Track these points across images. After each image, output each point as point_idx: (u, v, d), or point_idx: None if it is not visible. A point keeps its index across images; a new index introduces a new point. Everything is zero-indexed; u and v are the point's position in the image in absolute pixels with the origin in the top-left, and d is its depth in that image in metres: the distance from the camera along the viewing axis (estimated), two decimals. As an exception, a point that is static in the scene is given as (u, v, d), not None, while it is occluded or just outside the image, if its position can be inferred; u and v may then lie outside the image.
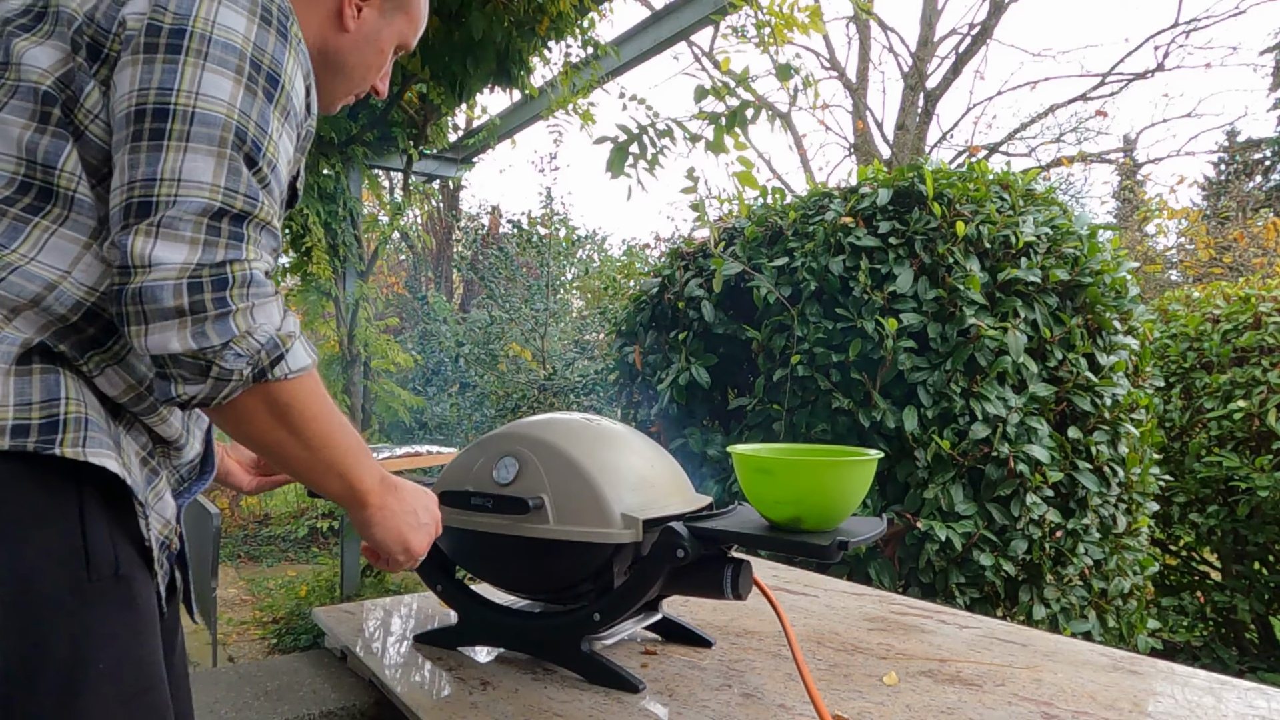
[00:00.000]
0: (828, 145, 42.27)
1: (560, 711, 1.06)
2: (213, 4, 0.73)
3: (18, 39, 0.74)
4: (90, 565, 0.67)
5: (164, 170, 0.68)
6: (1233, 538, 3.35)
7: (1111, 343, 2.57)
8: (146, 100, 0.69)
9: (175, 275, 0.66)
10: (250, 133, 0.72)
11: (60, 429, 0.67)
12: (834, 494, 1.08)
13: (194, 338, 0.67)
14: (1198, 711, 1.08)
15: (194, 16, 0.72)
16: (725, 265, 2.68)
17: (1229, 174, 15.70)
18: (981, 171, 2.67)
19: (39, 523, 0.65)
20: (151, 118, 0.69)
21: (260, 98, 0.74)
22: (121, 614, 0.69)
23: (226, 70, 0.72)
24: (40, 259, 0.70)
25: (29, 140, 0.72)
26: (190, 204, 0.68)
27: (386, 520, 0.91)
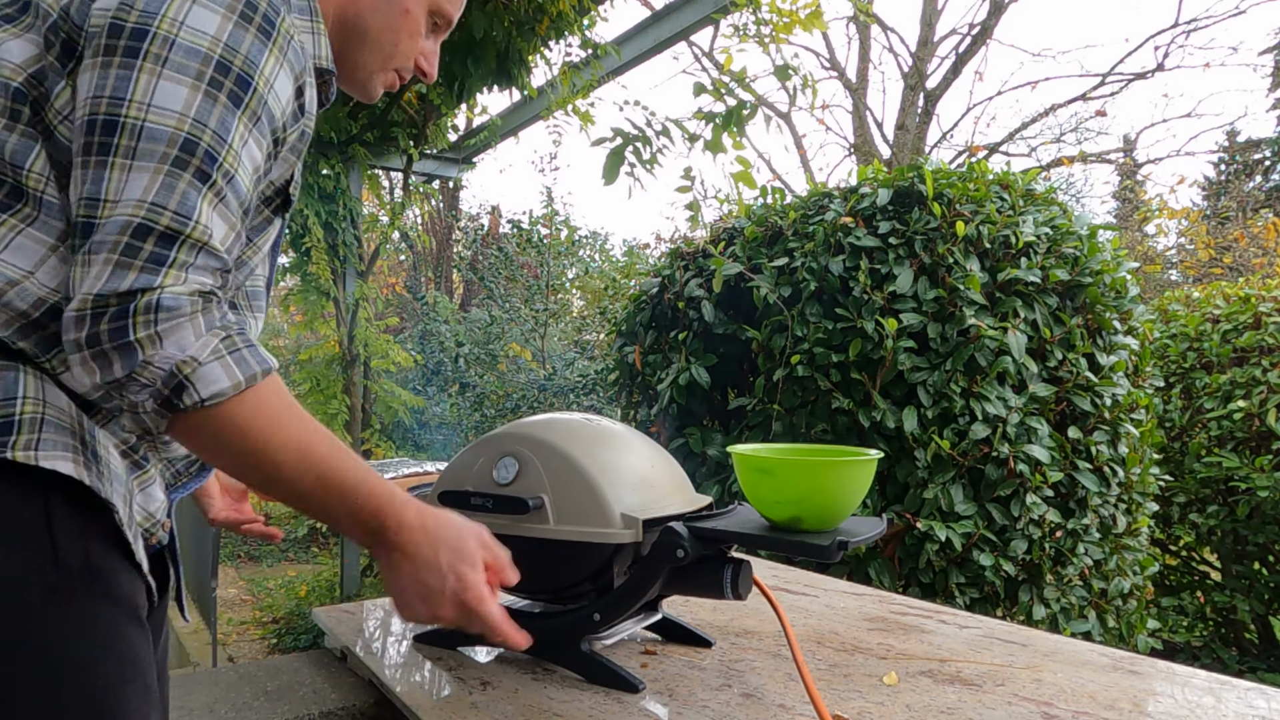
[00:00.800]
0: (828, 145, 42.27)
1: (560, 711, 1.06)
2: (184, 2, 0.69)
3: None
4: (59, 563, 0.66)
5: (107, 190, 0.66)
6: (1233, 538, 3.35)
7: (1111, 343, 2.57)
8: (98, 110, 0.67)
9: (78, 307, 0.64)
10: (203, 143, 0.68)
11: (15, 430, 0.65)
12: (834, 494, 1.08)
13: (99, 371, 0.65)
14: (1198, 711, 1.08)
15: (160, 16, 0.68)
16: (725, 265, 2.68)
17: (1229, 174, 15.71)
18: (981, 171, 2.67)
19: (3, 521, 0.64)
20: (101, 130, 0.67)
21: (222, 103, 0.70)
22: (98, 607, 0.68)
23: (185, 76, 0.68)
24: (3, 257, 0.68)
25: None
26: (114, 224, 0.65)
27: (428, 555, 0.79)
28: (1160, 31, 12.88)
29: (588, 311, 7.82)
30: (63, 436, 0.68)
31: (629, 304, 3.20)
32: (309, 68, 0.81)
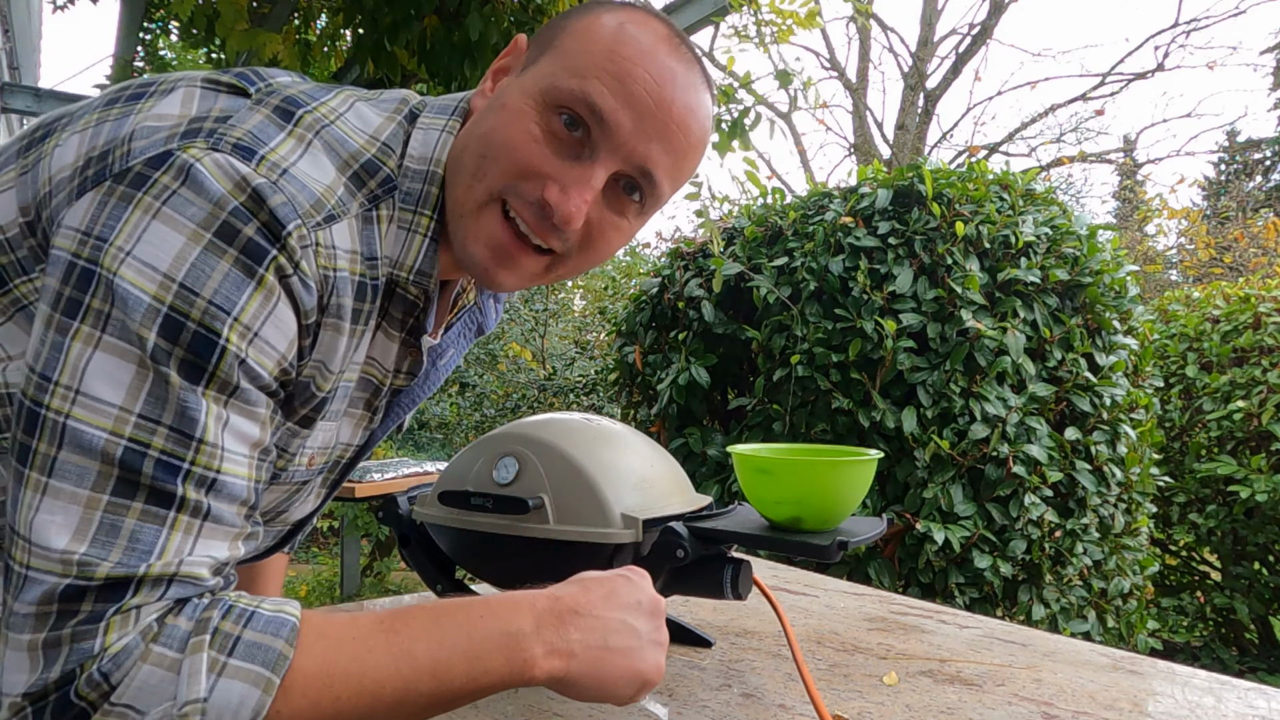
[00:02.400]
0: (828, 145, 42.26)
1: (560, 711, 1.06)
2: (144, 216, 0.52)
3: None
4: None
5: (20, 521, 0.50)
6: (1232, 538, 3.35)
7: (1111, 343, 2.57)
8: (26, 392, 0.51)
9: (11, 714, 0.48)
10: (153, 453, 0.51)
11: None
12: (834, 494, 1.08)
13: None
14: (1198, 711, 1.08)
15: (108, 245, 0.52)
16: (725, 265, 2.68)
17: (1229, 174, 15.72)
18: (981, 171, 2.67)
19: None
20: (24, 425, 0.51)
21: (176, 383, 0.51)
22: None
23: (123, 347, 0.51)
24: None
25: None
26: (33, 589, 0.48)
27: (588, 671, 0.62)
28: (1160, 31, 12.90)
29: (588, 311, 7.82)
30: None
31: (629, 304, 3.20)
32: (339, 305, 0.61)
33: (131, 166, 0.54)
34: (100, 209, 0.53)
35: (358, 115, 0.64)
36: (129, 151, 0.56)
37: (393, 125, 0.66)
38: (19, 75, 4.66)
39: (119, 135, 0.57)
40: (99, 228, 0.52)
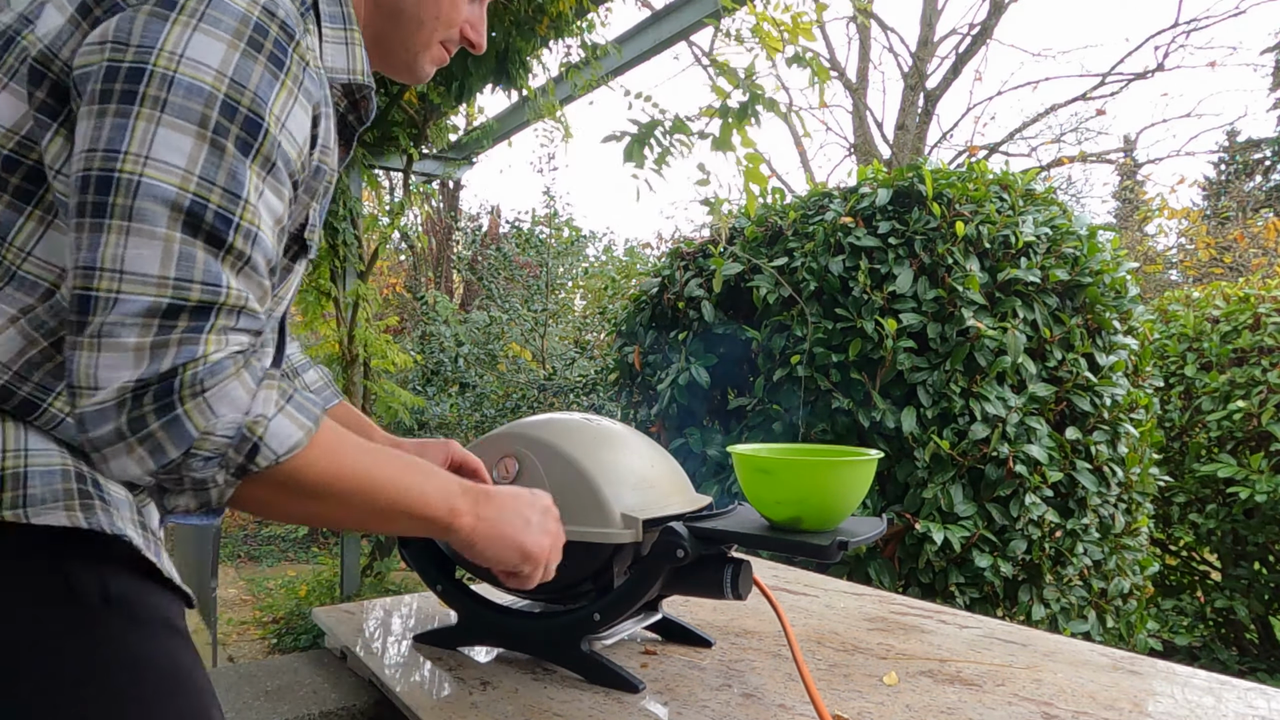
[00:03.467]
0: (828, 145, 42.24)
1: (560, 711, 1.06)
2: (185, 29, 0.61)
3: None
4: (76, 597, 0.64)
5: (103, 258, 0.59)
6: (1232, 538, 3.35)
7: (1111, 343, 2.57)
8: (92, 165, 0.59)
9: (115, 396, 0.58)
10: (212, 205, 0.61)
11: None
12: (834, 494, 1.08)
13: (151, 457, 0.60)
14: (1198, 711, 1.08)
15: (157, 50, 0.60)
16: (725, 265, 2.68)
17: (1229, 174, 15.72)
18: (981, 171, 2.67)
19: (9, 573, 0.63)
20: (95, 188, 0.59)
21: (231, 153, 0.62)
22: (126, 632, 0.66)
23: (188, 123, 0.61)
24: None
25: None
26: (132, 304, 0.59)
27: (487, 533, 0.83)
28: (1160, 31, 12.88)
29: (588, 311, 7.82)
30: (50, 485, 0.63)
31: (629, 304, 3.20)
32: (327, 96, 0.74)
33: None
34: (130, 24, 0.61)
35: None
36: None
37: None
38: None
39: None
40: (137, 38, 0.61)
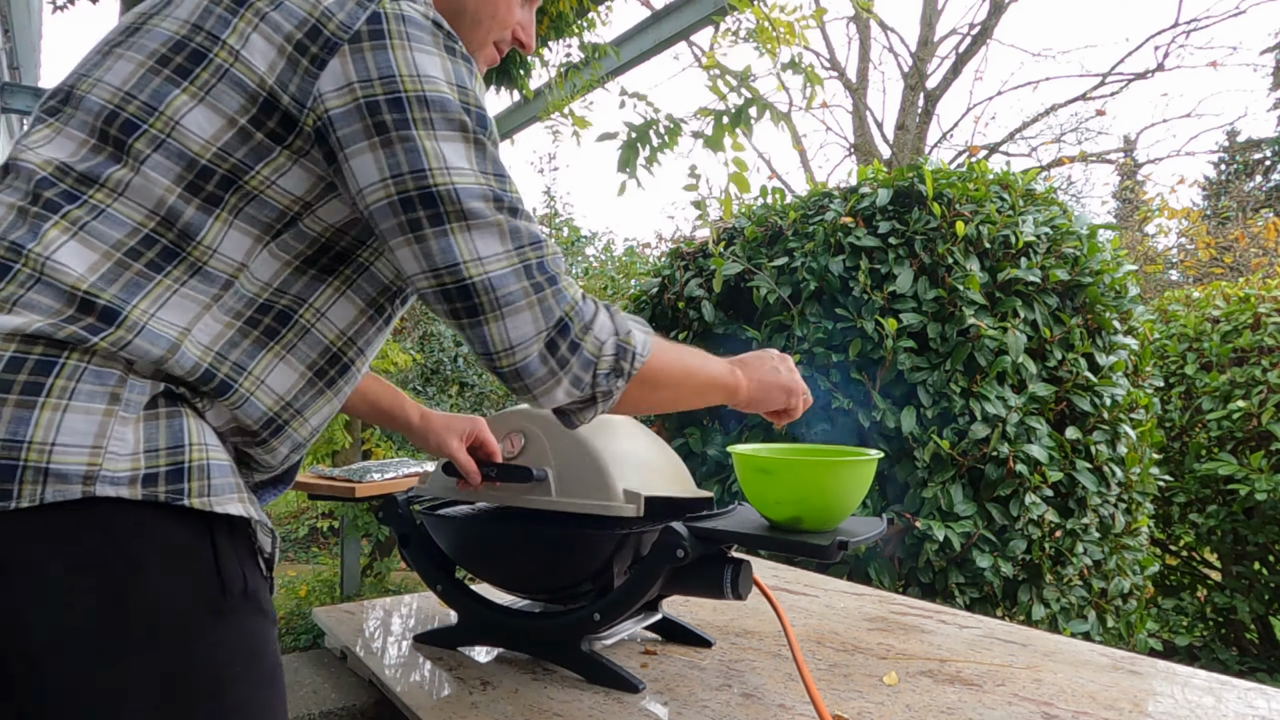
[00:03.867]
0: (828, 145, 42.24)
1: (560, 711, 1.06)
2: (404, 51, 0.73)
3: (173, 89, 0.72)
4: (225, 588, 0.70)
5: (462, 254, 0.73)
6: (1233, 538, 3.35)
7: (1111, 343, 2.57)
8: (406, 187, 0.72)
9: (535, 348, 0.76)
10: (497, 190, 0.75)
11: (186, 477, 0.68)
12: (834, 494, 1.08)
13: (574, 386, 0.80)
14: (1198, 711, 1.08)
15: (399, 77, 0.72)
16: (725, 265, 2.68)
17: (1229, 174, 15.71)
18: (981, 171, 2.67)
19: (176, 556, 0.68)
20: (422, 204, 0.72)
21: (489, 147, 0.76)
22: (252, 621, 0.73)
23: (454, 132, 0.74)
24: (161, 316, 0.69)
25: (172, 204, 0.71)
26: (504, 278, 0.74)
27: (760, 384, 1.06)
28: (1160, 31, 12.86)
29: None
30: (226, 478, 0.71)
31: (629, 304, 3.20)
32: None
33: (358, 29, 0.72)
34: (360, 60, 0.72)
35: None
36: (340, 21, 0.72)
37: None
38: (19, 75, 4.66)
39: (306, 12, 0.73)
40: (376, 72, 0.72)
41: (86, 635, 0.63)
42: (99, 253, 0.69)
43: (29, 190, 0.70)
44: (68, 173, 0.71)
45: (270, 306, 0.75)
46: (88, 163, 0.71)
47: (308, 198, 0.75)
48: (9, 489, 0.62)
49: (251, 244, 0.74)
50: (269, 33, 0.72)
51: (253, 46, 0.72)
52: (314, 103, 0.72)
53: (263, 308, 0.75)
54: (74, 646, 0.62)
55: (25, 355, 0.64)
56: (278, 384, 0.77)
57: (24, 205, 0.70)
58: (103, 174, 0.71)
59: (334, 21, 0.72)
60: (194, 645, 0.67)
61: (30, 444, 0.62)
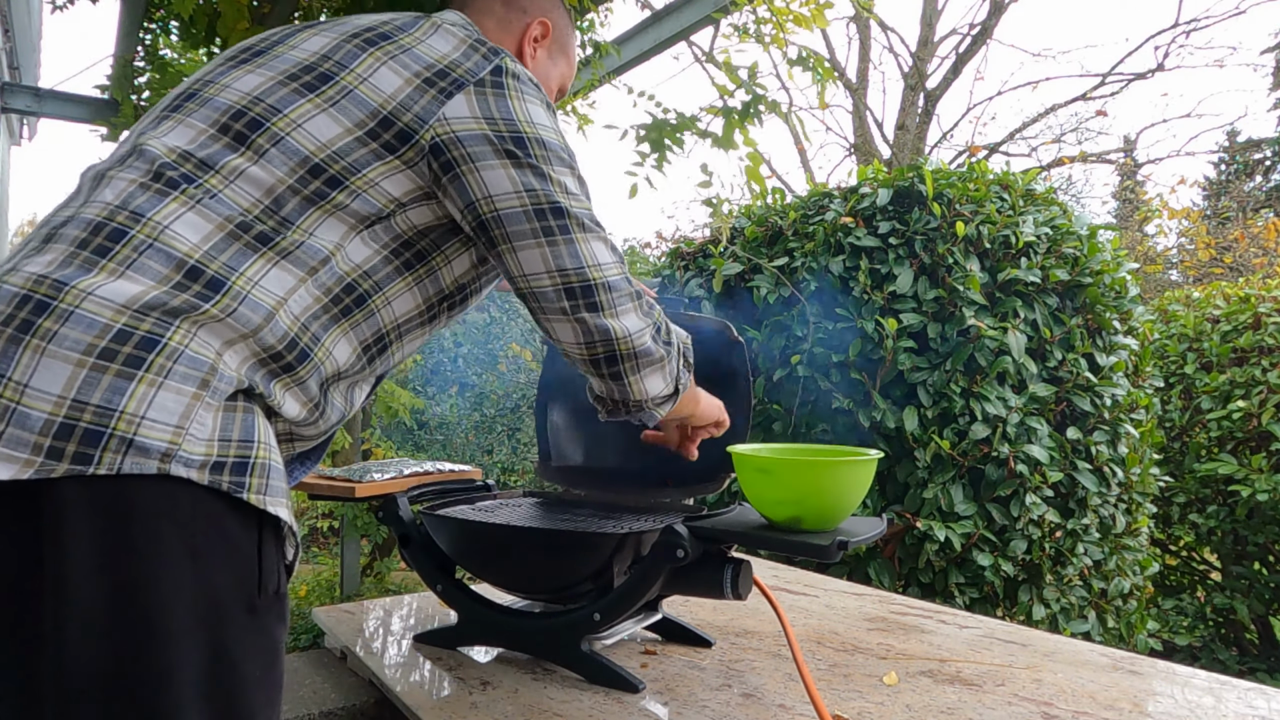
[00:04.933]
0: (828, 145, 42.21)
1: (560, 711, 1.06)
2: (521, 101, 0.88)
3: (298, 99, 0.83)
4: (261, 586, 0.73)
5: (586, 258, 0.88)
6: (1233, 538, 3.35)
7: (1111, 343, 2.57)
8: (539, 201, 0.86)
9: (648, 336, 0.92)
10: (593, 213, 0.91)
11: (249, 473, 0.71)
12: (834, 494, 1.08)
13: (668, 372, 0.96)
14: (1198, 711, 1.08)
15: (518, 121, 0.87)
16: (725, 265, 2.68)
17: (1229, 174, 15.71)
18: (981, 171, 2.67)
19: (229, 548, 0.71)
20: (552, 216, 0.87)
21: (580, 178, 0.92)
22: (276, 625, 0.75)
23: (565, 166, 0.89)
24: (263, 285, 0.76)
25: (281, 193, 0.80)
26: (619, 285, 0.90)
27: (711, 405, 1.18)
28: (1160, 31, 12.84)
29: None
30: (280, 482, 0.75)
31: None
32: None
33: (483, 76, 0.87)
34: (483, 100, 0.86)
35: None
36: (468, 68, 0.87)
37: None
38: (19, 75, 4.66)
39: (434, 59, 0.87)
40: (497, 111, 0.87)
41: (135, 612, 0.64)
42: (212, 225, 0.76)
43: (151, 169, 0.78)
44: (188, 158, 0.79)
45: (354, 288, 0.84)
46: (206, 150, 0.79)
47: (403, 199, 0.85)
48: (90, 454, 0.64)
49: (346, 230, 0.83)
50: (397, 68, 0.86)
51: (380, 75, 0.85)
52: (437, 123, 0.84)
53: (349, 288, 0.84)
54: (121, 621, 0.64)
55: (133, 329, 0.69)
56: (340, 355, 0.85)
57: (145, 181, 0.77)
58: (220, 161, 0.79)
59: (462, 68, 0.87)
60: (228, 639, 0.69)
61: (122, 414, 0.65)
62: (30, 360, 0.65)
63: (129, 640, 0.64)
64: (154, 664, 0.65)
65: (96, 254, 0.72)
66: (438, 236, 0.90)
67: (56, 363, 0.66)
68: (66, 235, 0.74)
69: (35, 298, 0.68)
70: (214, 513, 0.69)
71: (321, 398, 0.85)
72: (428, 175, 0.86)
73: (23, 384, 0.65)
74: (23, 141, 5.50)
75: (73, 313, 0.68)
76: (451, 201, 0.87)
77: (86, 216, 0.75)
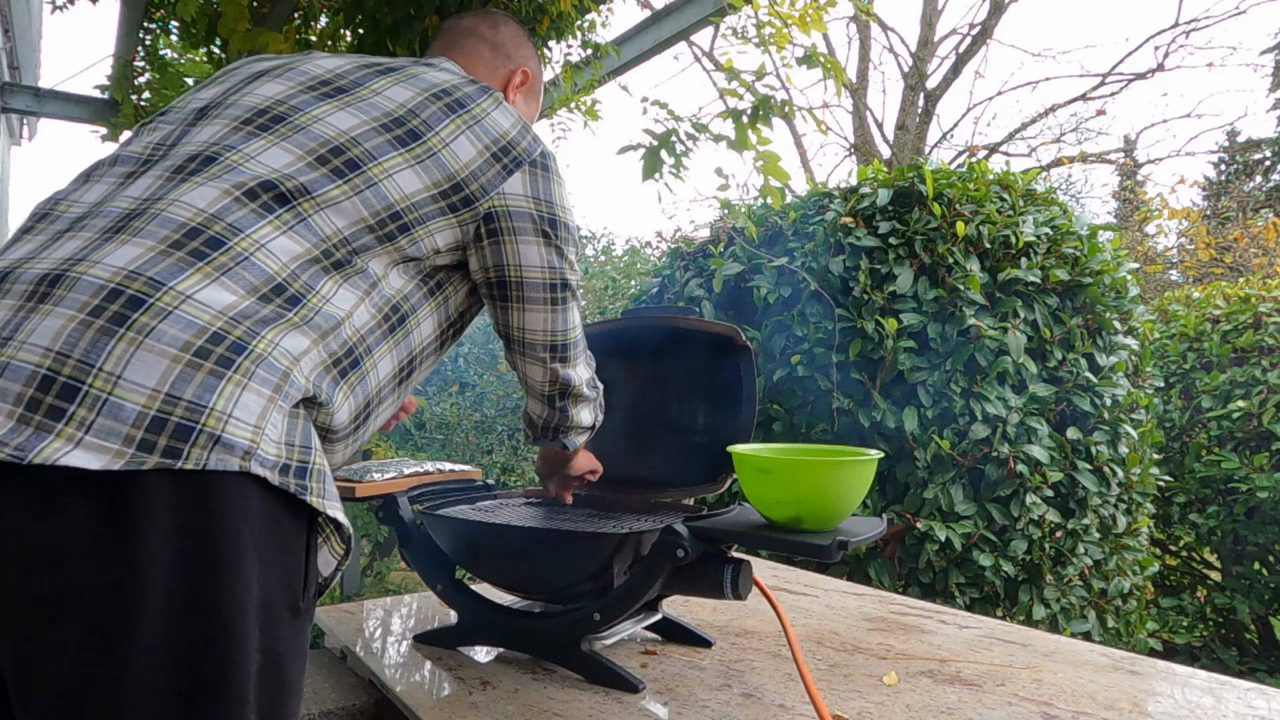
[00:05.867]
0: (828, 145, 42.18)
1: (560, 711, 1.06)
2: (557, 187, 1.03)
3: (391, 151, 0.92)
4: (306, 588, 0.75)
5: (567, 325, 1.07)
6: (1233, 538, 3.35)
7: (1111, 343, 2.57)
8: (555, 276, 1.04)
9: (587, 382, 1.15)
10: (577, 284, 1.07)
11: (309, 477, 0.74)
12: (834, 494, 1.08)
13: (594, 412, 1.20)
14: (1198, 711, 1.08)
15: (555, 205, 1.03)
16: (725, 265, 2.69)
17: (1229, 174, 15.70)
18: (981, 171, 2.67)
19: (284, 549, 0.73)
20: (559, 289, 1.05)
21: (576, 243, 1.07)
22: (309, 627, 0.78)
23: (574, 245, 1.05)
24: (334, 301, 0.84)
25: (358, 229, 0.88)
26: (580, 343, 1.11)
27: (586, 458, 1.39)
28: (1160, 32, 12.83)
29: (588, 311, 7.81)
30: (333, 487, 0.78)
31: (629, 304, 3.20)
32: None
33: (535, 157, 1.01)
34: (534, 181, 1.01)
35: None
36: (523, 148, 1.01)
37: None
38: (19, 75, 4.66)
39: (499, 134, 1.00)
40: (542, 193, 1.01)
41: (204, 609, 0.65)
42: (301, 249, 0.83)
43: (250, 187, 0.83)
44: (287, 181, 0.85)
45: (399, 308, 0.93)
46: (306, 175, 0.86)
47: (442, 247, 0.96)
48: (180, 448, 0.65)
49: (389, 263, 0.92)
50: (473, 139, 0.97)
51: (459, 144, 0.96)
52: (496, 195, 0.97)
53: (394, 307, 0.92)
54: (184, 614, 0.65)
55: (227, 333, 0.72)
56: (382, 370, 0.91)
57: (241, 197, 0.82)
58: (319, 189, 0.86)
59: (519, 147, 1.00)
60: (277, 640, 0.72)
61: (212, 410, 0.68)
62: (124, 352, 0.67)
63: (200, 635, 0.65)
64: (221, 661, 0.66)
65: (193, 256, 0.75)
66: (449, 270, 1.00)
67: (153, 356, 0.67)
68: (151, 231, 0.76)
69: (128, 292, 0.70)
70: (275, 513, 0.71)
71: (364, 410, 0.90)
72: (471, 234, 0.98)
73: (115, 375, 0.66)
74: (23, 141, 5.50)
75: (172, 312, 0.70)
76: (480, 258, 1.00)
77: (175, 217, 0.77)
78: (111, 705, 0.63)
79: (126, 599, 0.63)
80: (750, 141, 2.31)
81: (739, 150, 2.33)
